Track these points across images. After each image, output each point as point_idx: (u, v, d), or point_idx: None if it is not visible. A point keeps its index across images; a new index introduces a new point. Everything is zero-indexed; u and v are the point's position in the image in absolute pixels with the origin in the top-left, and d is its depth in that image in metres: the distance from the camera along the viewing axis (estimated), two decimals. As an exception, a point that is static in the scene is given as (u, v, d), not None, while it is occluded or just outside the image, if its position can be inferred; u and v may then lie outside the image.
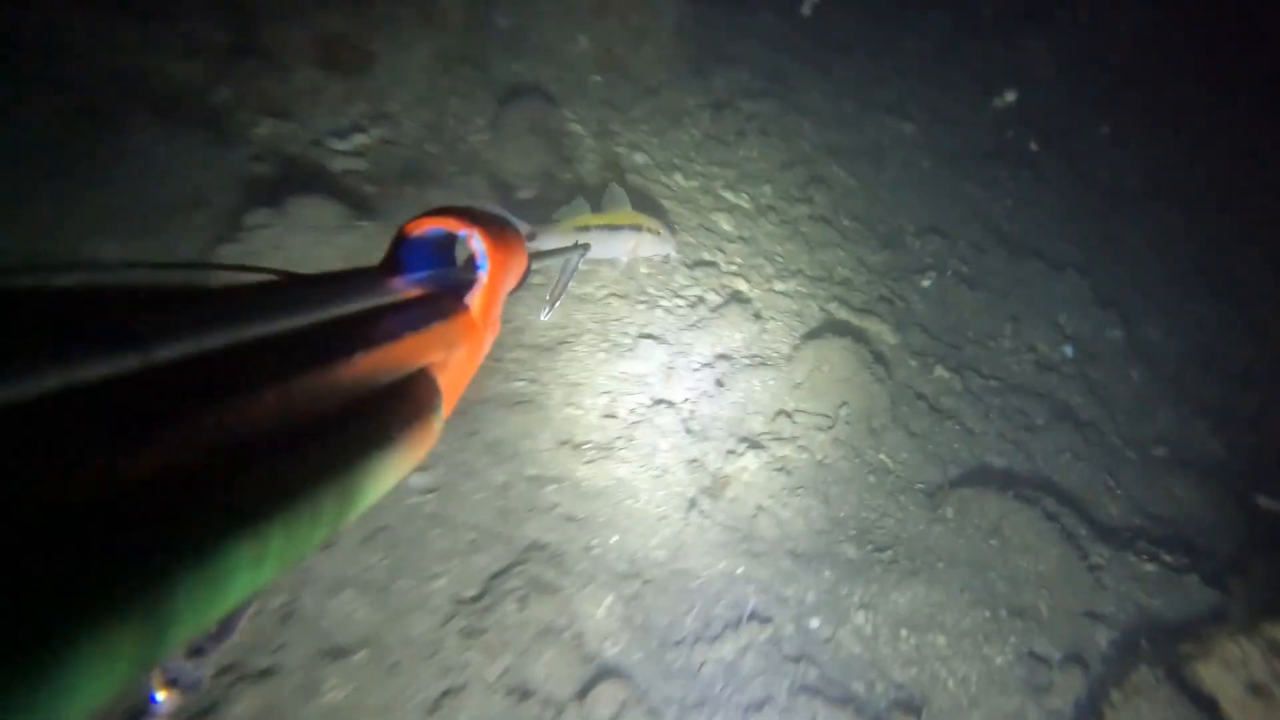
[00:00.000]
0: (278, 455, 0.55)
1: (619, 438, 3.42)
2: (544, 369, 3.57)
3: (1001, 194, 5.97)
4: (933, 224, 5.46)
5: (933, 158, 5.97)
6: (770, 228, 4.85)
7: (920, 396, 4.16)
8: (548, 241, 3.40)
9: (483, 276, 1.05)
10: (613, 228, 3.67)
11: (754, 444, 3.54)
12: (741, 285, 4.19)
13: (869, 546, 3.36)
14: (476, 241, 1.04)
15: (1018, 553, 3.32)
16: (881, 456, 3.82)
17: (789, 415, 3.68)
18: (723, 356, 3.77)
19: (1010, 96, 6.58)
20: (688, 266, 4.19)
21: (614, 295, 3.92)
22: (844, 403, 3.73)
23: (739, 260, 4.37)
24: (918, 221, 5.46)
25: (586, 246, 2.11)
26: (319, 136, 4.37)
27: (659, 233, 3.70)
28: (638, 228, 3.67)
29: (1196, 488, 4.39)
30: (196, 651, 0.77)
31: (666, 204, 4.80)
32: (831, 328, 4.09)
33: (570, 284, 2.46)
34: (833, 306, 4.35)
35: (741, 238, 4.59)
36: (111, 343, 0.45)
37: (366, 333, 0.74)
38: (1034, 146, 6.50)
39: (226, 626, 0.79)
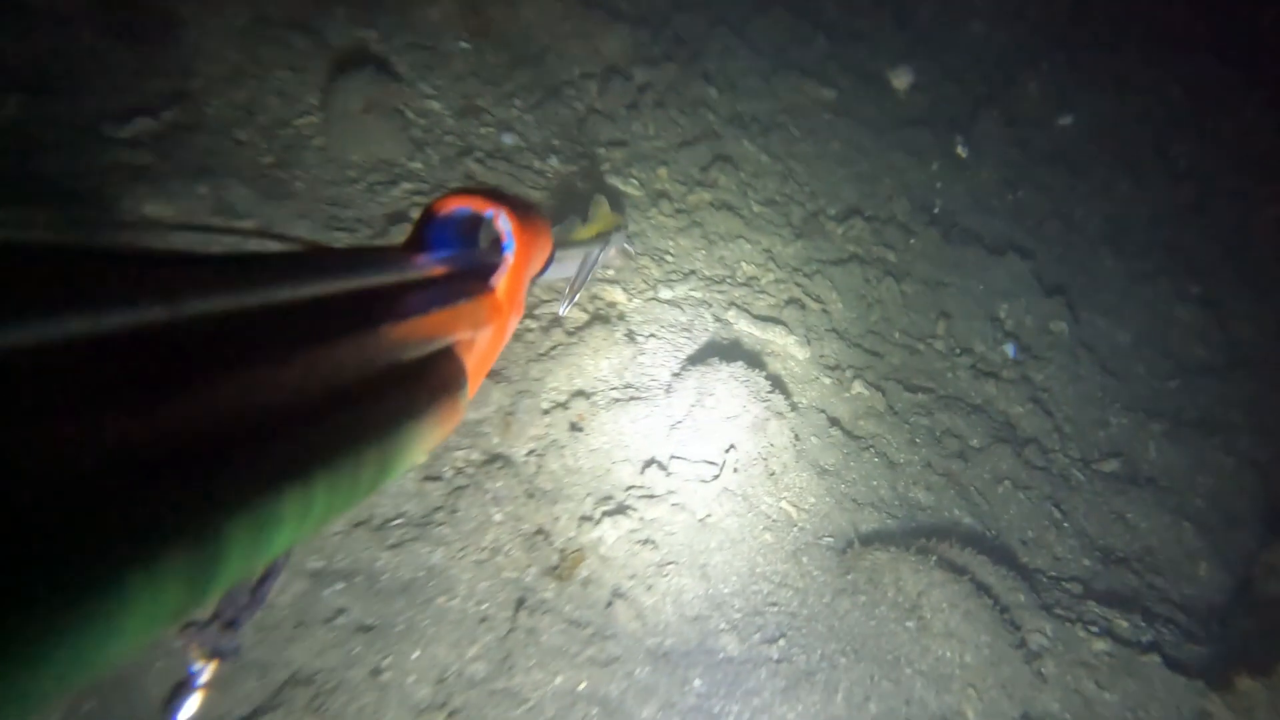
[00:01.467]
0: (320, 416, 0.56)
1: (438, 509, 2.63)
2: (349, 420, 2.76)
3: (931, 166, 5.20)
4: (855, 205, 4.69)
5: (856, 127, 5.18)
6: (662, 219, 4.04)
7: (833, 422, 3.41)
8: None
9: (508, 257, 1.00)
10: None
11: (617, 506, 2.78)
12: (617, 296, 3.39)
13: (755, 636, 2.61)
14: (503, 221, 1.00)
15: (940, 640, 2.60)
16: (783, 504, 3.07)
17: (663, 466, 2.91)
18: (581, 394, 2.98)
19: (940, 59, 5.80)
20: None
21: (448, 317, 3.11)
22: (731, 446, 2.97)
23: (618, 263, 3.56)
24: (838, 202, 4.68)
25: (607, 240, 2.17)
26: (91, 120, 3.47)
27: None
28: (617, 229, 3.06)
29: (1152, 510, 3.71)
30: (230, 624, 0.83)
31: (537, 194, 3.97)
32: (724, 348, 3.31)
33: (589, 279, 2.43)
34: (731, 315, 3.57)
35: (625, 234, 3.78)
36: (142, 294, 0.45)
37: (393, 306, 0.72)
38: (968, 109, 5.73)
39: (257, 598, 0.85)
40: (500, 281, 0.99)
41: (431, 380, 0.76)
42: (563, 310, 2.63)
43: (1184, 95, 6.13)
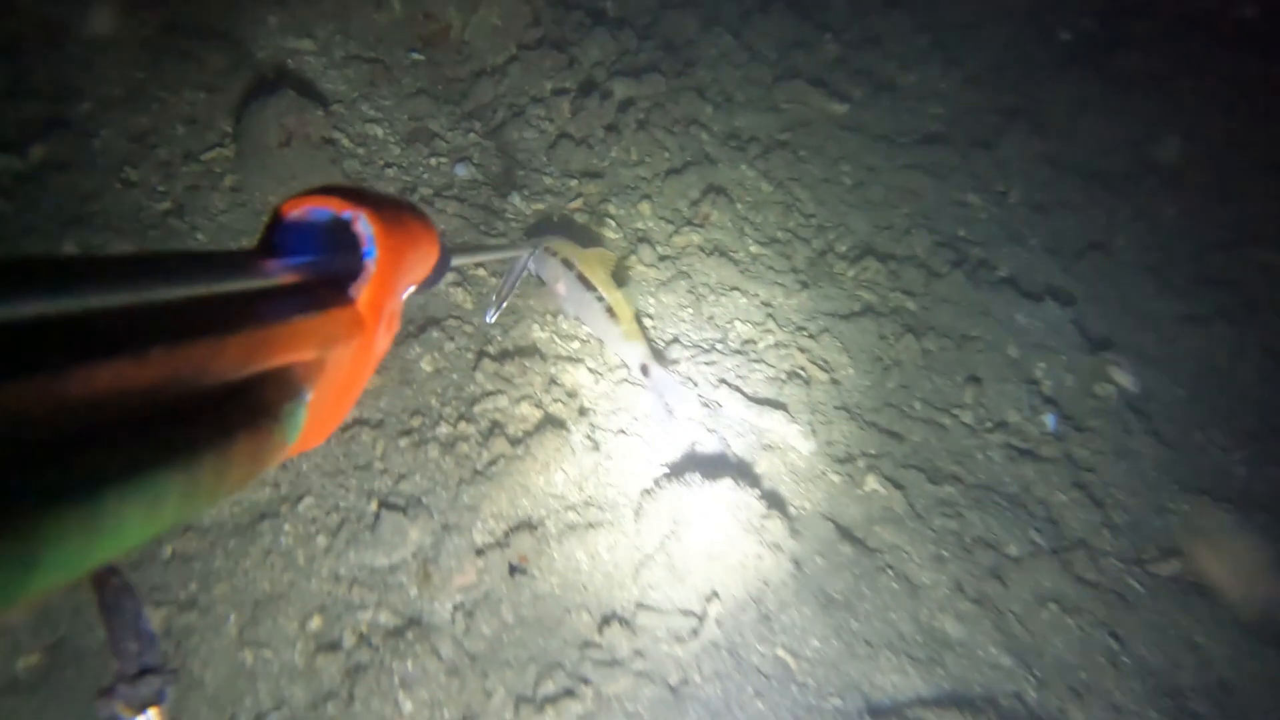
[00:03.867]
0: (115, 435, 0.51)
1: (328, 695, 1.96)
2: (221, 571, 2.09)
3: (954, 189, 4.46)
4: (868, 240, 3.97)
5: (868, 145, 4.45)
6: (642, 269, 3.34)
7: (844, 534, 2.73)
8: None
9: (370, 265, 0.86)
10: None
11: (567, 679, 2.10)
12: (580, 378, 2.70)
13: None
14: (363, 224, 0.87)
15: None
16: (778, 652, 2.40)
17: (626, 621, 2.23)
18: (526, 525, 2.30)
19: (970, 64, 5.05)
20: (491, 358, 2.68)
21: (362, 424, 2.42)
22: (714, 593, 2.29)
23: (581, 335, 2.87)
24: (849, 237, 3.97)
25: (536, 250, 2.04)
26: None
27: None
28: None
29: (1227, 630, 3.03)
30: (137, 675, 0.87)
31: (492, 241, 3.27)
32: (707, 460, 2.62)
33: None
34: (721, 395, 2.88)
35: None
36: None
37: (222, 317, 0.64)
38: (993, 119, 4.98)
39: (145, 641, 0.89)
40: (361, 292, 0.84)
41: (248, 405, 0.65)
42: (489, 317, 2.50)
43: (1238, 98, 5.34)
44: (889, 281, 3.80)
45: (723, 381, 2.93)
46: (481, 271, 3.11)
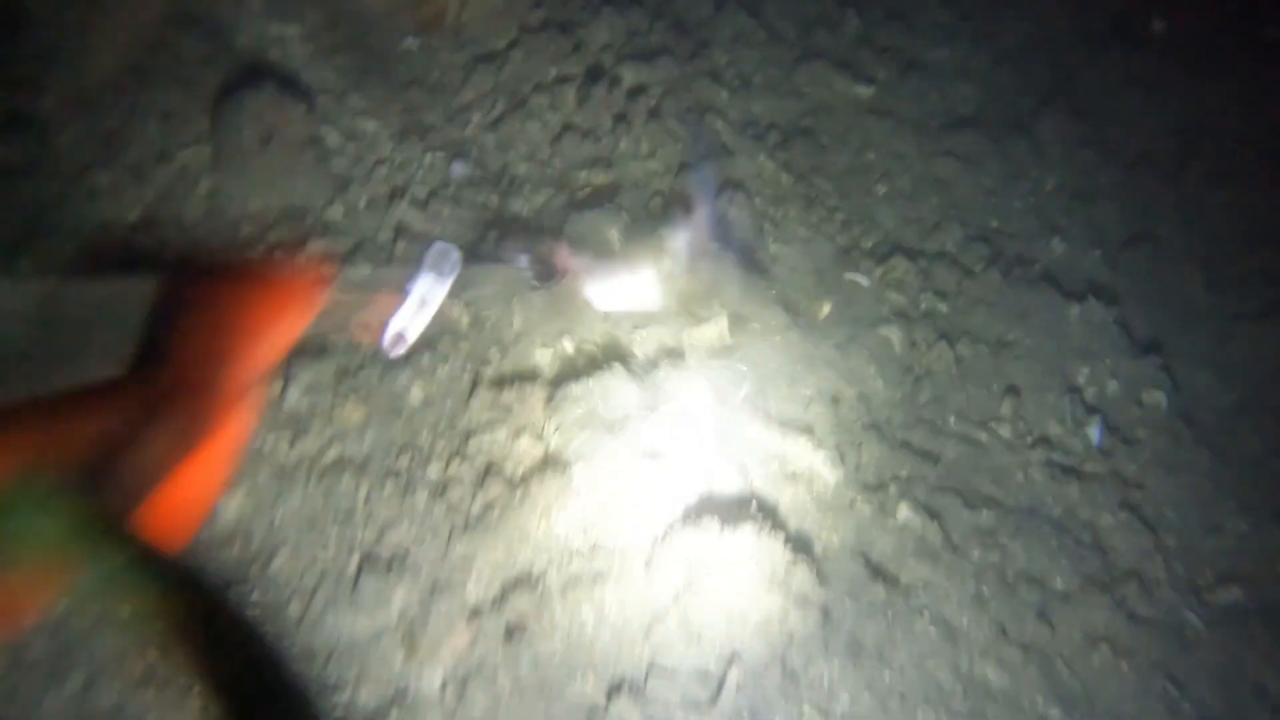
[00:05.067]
0: None
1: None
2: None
3: (987, 178, 4.13)
4: (896, 235, 3.66)
5: (896, 131, 4.11)
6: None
7: (875, 572, 2.46)
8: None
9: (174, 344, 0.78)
10: None
11: (569, 761, 1.86)
12: (575, 412, 2.42)
13: None
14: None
15: None
16: (805, 709, 2.15)
17: (637, 687, 1.98)
18: (525, 580, 2.05)
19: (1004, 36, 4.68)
20: (488, 384, 2.41)
21: (344, 465, 2.16)
22: (735, 655, 2.03)
23: (588, 355, 2.59)
24: (875, 232, 3.66)
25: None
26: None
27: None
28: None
29: (1291, 668, 2.76)
30: None
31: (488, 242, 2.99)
32: (725, 500, 2.35)
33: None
34: (739, 424, 2.60)
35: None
36: None
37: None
38: (1029, 101, 4.61)
39: None
40: (164, 373, 0.75)
41: None
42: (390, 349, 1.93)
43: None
44: (919, 281, 3.50)
45: (732, 408, 2.65)
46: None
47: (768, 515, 2.28)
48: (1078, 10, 5.09)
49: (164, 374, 0.76)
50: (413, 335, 1.72)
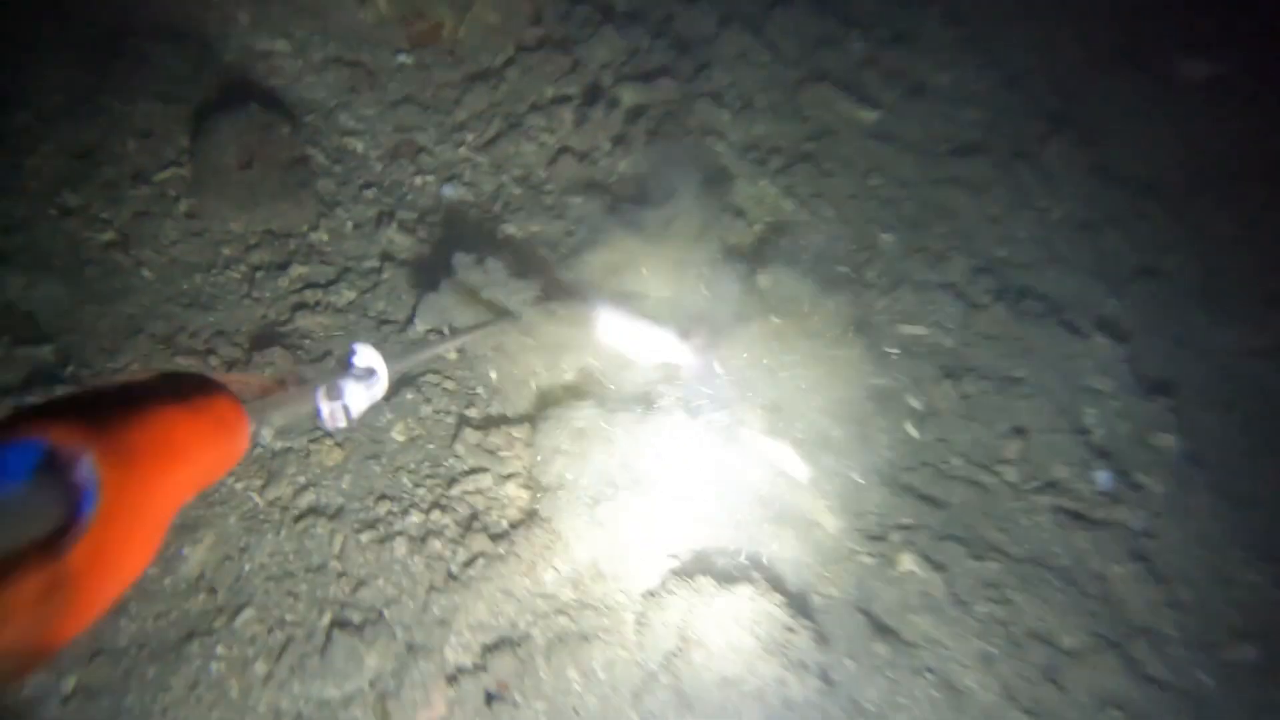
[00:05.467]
0: None
1: None
2: (135, 711, 1.71)
3: (993, 205, 4.01)
4: (900, 265, 3.54)
5: (899, 156, 4.00)
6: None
7: (878, 628, 2.34)
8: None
9: (85, 520, 0.67)
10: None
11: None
12: (574, 450, 2.29)
13: None
14: (86, 472, 0.68)
15: None
16: (802, 780, 2.02)
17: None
18: (508, 642, 1.91)
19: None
20: (474, 425, 2.27)
21: (318, 513, 2.02)
22: (731, 726, 1.90)
23: (582, 401, 2.46)
24: (879, 261, 3.54)
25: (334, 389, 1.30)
26: None
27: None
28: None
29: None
30: None
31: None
32: (721, 553, 2.21)
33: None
34: (733, 468, 2.47)
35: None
36: None
37: None
38: (1035, 126, 4.50)
39: None
40: (71, 549, 0.67)
41: None
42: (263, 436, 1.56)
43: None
44: (924, 312, 3.38)
45: (737, 441, 2.52)
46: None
47: (764, 570, 2.15)
48: (1086, 34, 4.99)
49: (75, 550, 0.66)
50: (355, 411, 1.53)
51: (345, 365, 1.34)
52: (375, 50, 3.42)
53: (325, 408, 1.32)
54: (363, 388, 1.34)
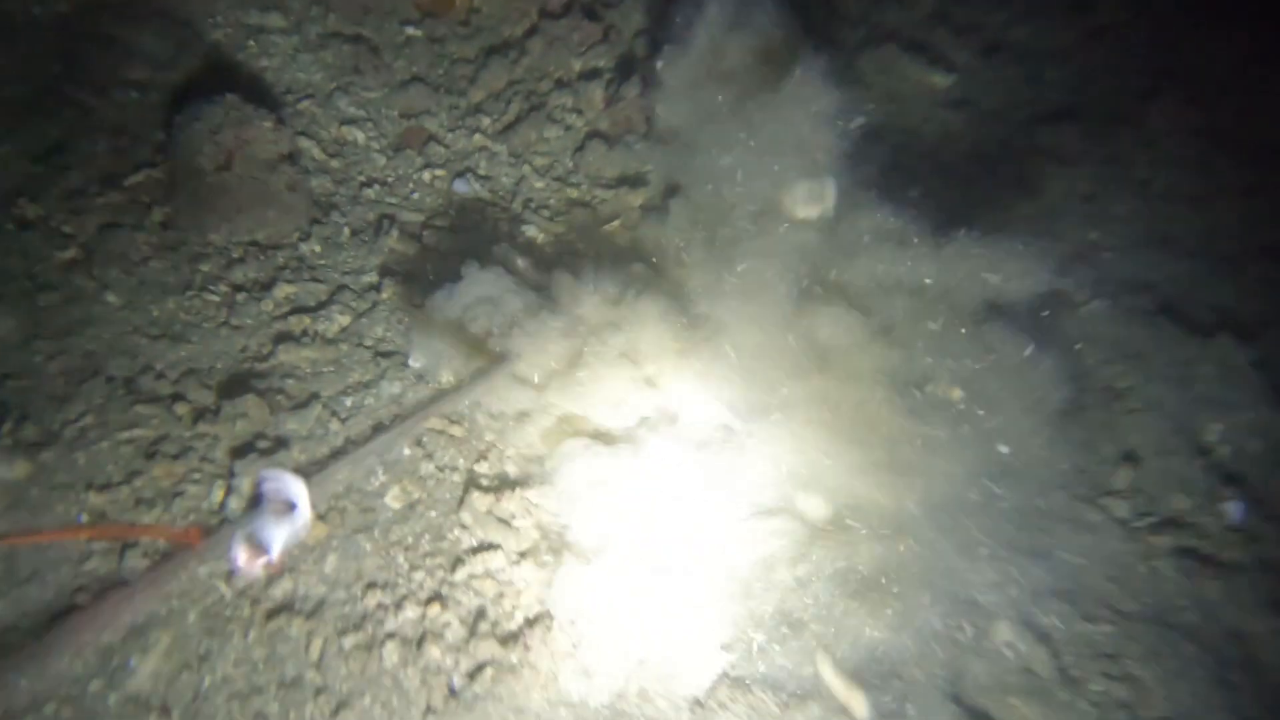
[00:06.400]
0: None
1: None
2: None
3: (1084, 180, 3.46)
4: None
5: (979, 123, 3.45)
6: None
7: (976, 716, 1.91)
8: None
9: None
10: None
11: None
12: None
13: None
14: None
15: None
16: None
17: None
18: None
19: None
20: (483, 488, 1.87)
21: (294, 611, 1.65)
22: None
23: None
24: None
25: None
26: None
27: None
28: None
29: None
30: None
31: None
32: (778, 659, 1.79)
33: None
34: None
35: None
36: None
37: None
38: (1133, 85, 3.88)
39: None
40: None
41: None
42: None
43: None
44: (1010, 315, 2.86)
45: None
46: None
47: (832, 672, 1.73)
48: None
49: None
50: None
51: (257, 501, 1.02)
52: (380, 21, 2.99)
53: (241, 554, 1.04)
54: (284, 524, 1.03)
